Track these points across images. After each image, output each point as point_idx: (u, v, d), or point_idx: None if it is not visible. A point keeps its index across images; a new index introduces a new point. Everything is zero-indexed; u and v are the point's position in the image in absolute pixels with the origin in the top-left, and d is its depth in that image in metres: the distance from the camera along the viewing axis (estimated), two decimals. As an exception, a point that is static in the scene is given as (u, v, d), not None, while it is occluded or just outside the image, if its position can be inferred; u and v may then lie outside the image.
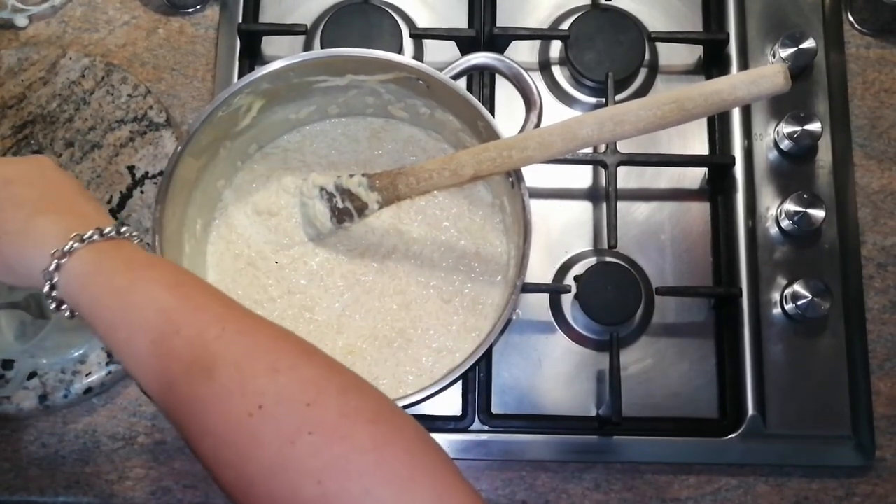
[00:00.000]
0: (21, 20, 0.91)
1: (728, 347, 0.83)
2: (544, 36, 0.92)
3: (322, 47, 0.87)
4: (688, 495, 0.81)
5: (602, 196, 0.86)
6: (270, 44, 0.91)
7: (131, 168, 0.85)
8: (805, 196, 0.84)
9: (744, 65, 0.90)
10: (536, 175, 0.81)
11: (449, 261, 0.80)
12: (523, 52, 0.92)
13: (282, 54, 0.87)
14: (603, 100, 0.87)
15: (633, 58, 0.88)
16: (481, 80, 0.88)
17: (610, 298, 0.81)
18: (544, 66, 0.92)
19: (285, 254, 0.81)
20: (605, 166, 0.84)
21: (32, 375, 0.79)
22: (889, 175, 0.89)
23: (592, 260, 0.85)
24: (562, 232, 0.87)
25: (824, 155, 0.88)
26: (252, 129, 0.80)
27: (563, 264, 0.86)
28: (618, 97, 0.88)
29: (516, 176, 0.72)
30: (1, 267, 0.56)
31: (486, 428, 0.81)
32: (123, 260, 0.53)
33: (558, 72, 0.91)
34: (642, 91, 0.91)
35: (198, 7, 0.92)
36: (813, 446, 0.81)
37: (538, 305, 0.84)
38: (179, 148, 0.72)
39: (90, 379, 0.79)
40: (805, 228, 0.84)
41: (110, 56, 0.90)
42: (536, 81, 0.75)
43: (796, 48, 0.88)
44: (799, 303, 0.82)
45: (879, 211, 0.88)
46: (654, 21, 0.92)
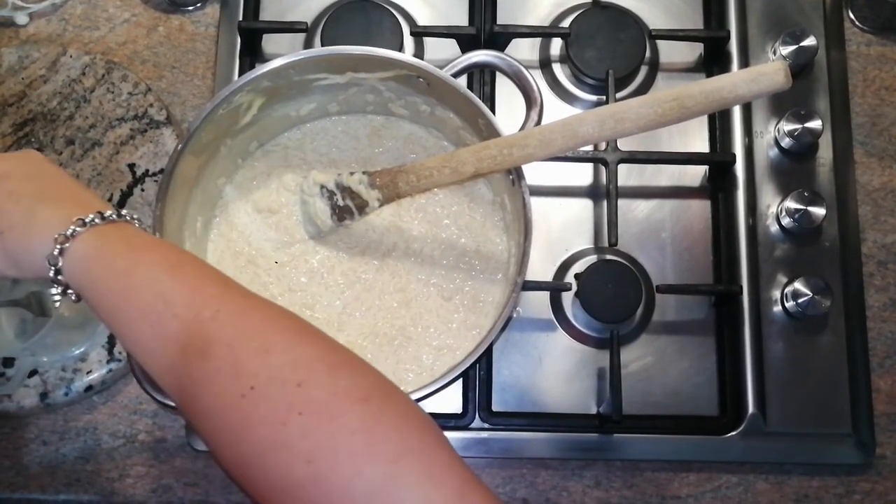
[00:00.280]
0: (21, 18, 0.91)
1: (728, 345, 0.83)
2: (545, 34, 0.92)
3: (322, 45, 0.87)
4: (688, 493, 0.81)
5: (603, 194, 0.86)
6: (271, 41, 0.91)
7: (132, 166, 0.85)
8: (806, 194, 0.84)
9: (744, 62, 0.89)
10: (537, 173, 0.81)
11: (449, 258, 0.80)
12: (524, 50, 0.92)
13: (282, 52, 0.87)
14: (603, 97, 0.87)
15: (634, 55, 0.88)
16: (482, 78, 0.88)
17: (610, 296, 0.81)
18: (545, 64, 0.92)
19: (286, 252, 0.81)
20: (606, 164, 0.84)
21: (33, 373, 0.79)
22: (890, 173, 0.89)
23: (593, 258, 0.85)
24: (562, 230, 0.87)
25: (825, 152, 0.88)
26: (252, 127, 0.80)
27: (564, 262, 0.86)
28: (618, 95, 0.88)
29: (517, 174, 0.72)
30: (6, 261, 0.56)
31: (487, 426, 0.81)
32: (124, 242, 0.54)
33: (559, 69, 0.91)
34: (643, 89, 0.91)
35: (198, 5, 0.92)
36: (813, 444, 0.81)
37: (539, 303, 0.84)
38: (180, 146, 0.72)
39: (91, 377, 0.79)
40: (805, 226, 0.84)
41: (111, 54, 0.90)
42: (537, 79, 0.75)
43: (797, 46, 0.88)
44: (799, 300, 0.82)
45: (880, 209, 0.88)
46: (655, 19, 0.92)
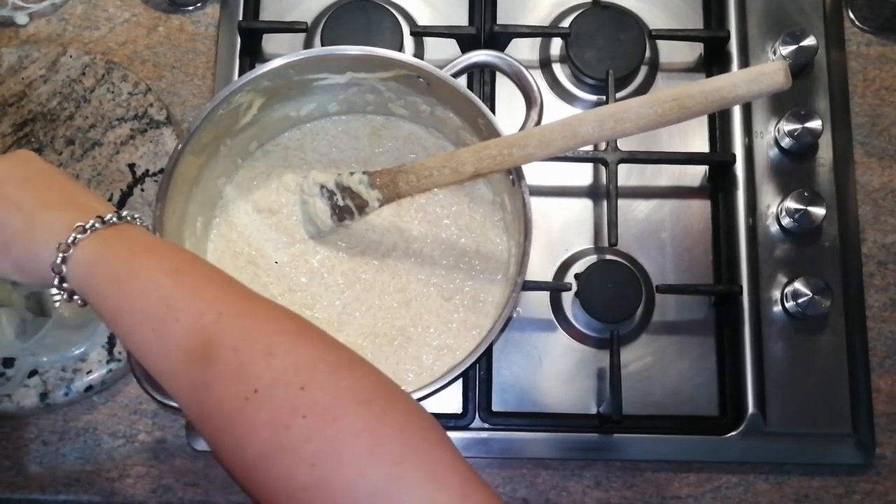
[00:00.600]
0: (21, 18, 0.91)
1: (728, 345, 0.83)
2: (545, 33, 0.92)
3: (322, 45, 0.87)
4: (688, 493, 0.81)
5: (603, 194, 0.86)
6: (271, 41, 0.91)
7: (132, 166, 0.85)
8: (805, 194, 0.84)
9: (744, 62, 0.89)
10: (537, 173, 0.81)
11: (449, 258, 0.80)
12: (524, 50, 0.92)
13: (282, 52, 0.87)
14: (603, 97, 0.87)
15: (634, 55, 0.88)
16: (482, 78, 0.88)
17: (610, 296, 0.81)
18: (545, 64, 0.92)
19: (286, 252, 0.81)
20: (606, 164, 0.84)
21: (33, 373, 0.79)
22: (889, 173, 0.89)
23: (593, 258, 0.85)
24: (562, 230, 0.87)
25: (825, 153, 0.88)
26: (252, 127, 0.80)
27: (564, 262, 0.86)
28: (618, 95, 0.88)
29: (517, 174, 0.72)
30: (12, 267, 0.56)
31: (487, 426, 0.81)
32: (125, 246, 0.53)
33: (559, 69, 0.91)
34: (643, 89, 0.91)
35: (198, 5, 0.92)
36: (813, 444, 0.81)
37: (539, 303, 0.84)
38: (180, 146, 0.72)
39: (91, 377, 0.79)
40: (805, 226, 0.84)
41: (111, 54, 0.90)
42: (537, 79, 0.75)
43: (797, 46, 0.88)
44: (799, 300, 0.82)
45: (880, 209, 0.88)
46: (655, 18, 0.92)
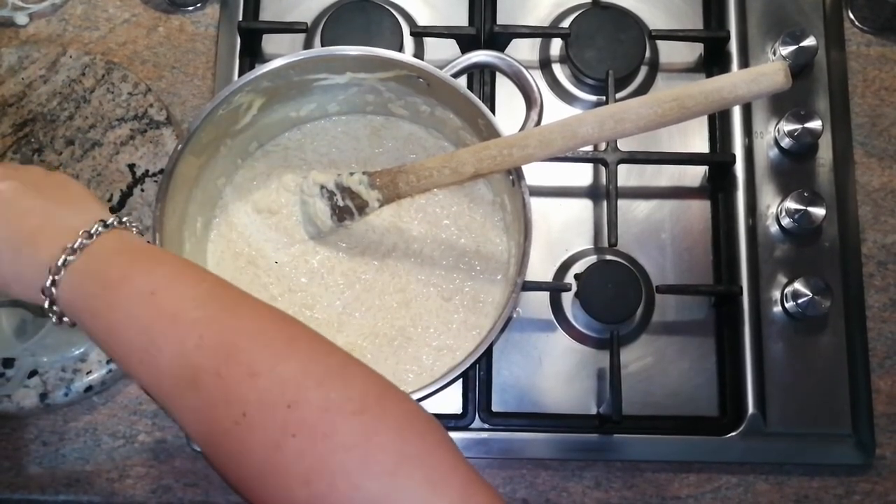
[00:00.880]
0: (21, 18, 0.91)
1: (728, 346, 0.83)
2: (545, 34, 0.92)
3: (322, 45, 0.87)
4: (688, 493, 0.81)
5: (602, 194, 0.86)
6: (271, 42, 0.91)
7: (132, 166, 0.85)
8: (805, 194, 0.84)
9: (744, 63, 0.89)
10: (537, 173, 0.81)
11: (449, 259, 0.80)
12: (524, 50, 0.92)
13: (282, 52, 0.87)
14: (603, 98, 0.87)
15: (634, 56, 0.88)
16: (482, 78, 0.88)
17: (610, 296, 0.81)
18: (545, 64, 0.92)
19: (286, 252, 0.81)
20: (606, 164, 0.84)
21: (33, 373, 0.79)
22: (889, 173, 0.89)
23: (593, 258, 0.85)
24: (562, 230, 0.87)
25: (825, 153, 0.88)
26: (252, 127, 0.80)
27: (564, 262, 0.86)
28: (618, 95, 0.88)
29: (517, 174, 0.72)
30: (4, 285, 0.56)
31: (487, 426, 0.81)
32: (98, 279, 0.52)
33: (559, 70, 0.91)
34: (643, 89, 0.91)
35: (198, 5, 0.92)
36: (813, 444, 0.81)
37: (538, 303, 0.84)
38: (180, 146, 0.72)
39: (91, 377, 0.79)
40: (805, 226, 0.84)
41: (110, 54, 0.90)
42: (537, 79, 0.75)
43: (797, 46, 0.88)
44: (799, 301, 0.82)
45: (880, 209, 0.88)
46: (655, 19, 0.92)
